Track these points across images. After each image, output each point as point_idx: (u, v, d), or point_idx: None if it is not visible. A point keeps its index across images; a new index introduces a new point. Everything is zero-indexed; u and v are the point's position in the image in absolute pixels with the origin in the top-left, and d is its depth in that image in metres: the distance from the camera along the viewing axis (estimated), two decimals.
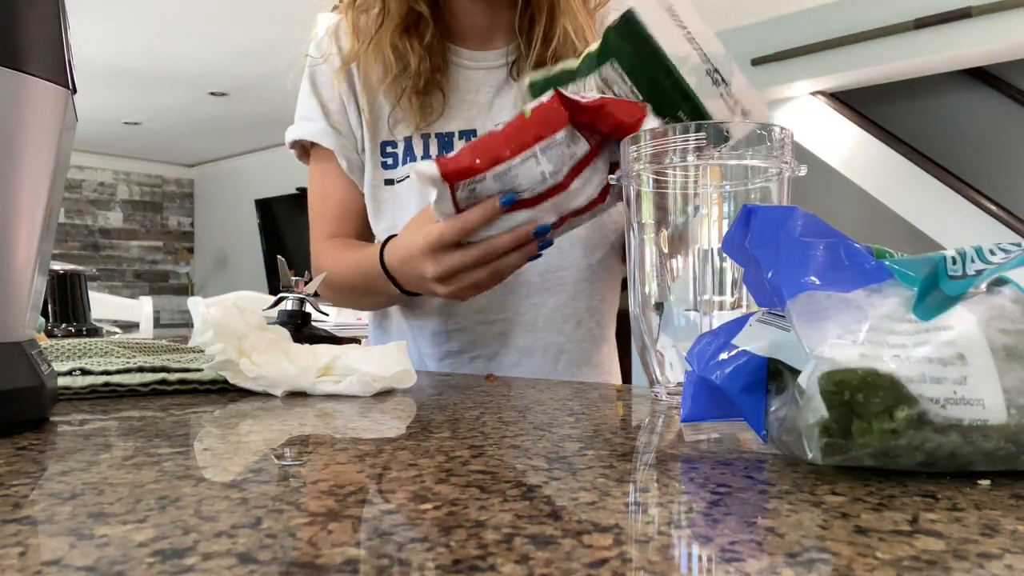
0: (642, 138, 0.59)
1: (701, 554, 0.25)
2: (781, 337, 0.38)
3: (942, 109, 4.96)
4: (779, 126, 0.58)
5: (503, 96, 0.98)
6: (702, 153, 0.57)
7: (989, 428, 0.32)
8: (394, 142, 0.98)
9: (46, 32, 0.46)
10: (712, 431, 0.46)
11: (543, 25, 0.92)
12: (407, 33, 0.93)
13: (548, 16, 0.92)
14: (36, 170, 0.47)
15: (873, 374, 0.32)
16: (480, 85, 0.98)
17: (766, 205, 0.42)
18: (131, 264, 7.86)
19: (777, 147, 0.58)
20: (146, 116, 6.26)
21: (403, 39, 0.93)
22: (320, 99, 1.01)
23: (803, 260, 0.37)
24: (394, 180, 0.98)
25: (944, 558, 0.24)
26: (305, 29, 1.11)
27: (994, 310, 0.34)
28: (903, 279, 0.36)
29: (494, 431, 0.46)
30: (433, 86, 0.95)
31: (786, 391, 0.37)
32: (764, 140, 0.57)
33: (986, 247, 0.37)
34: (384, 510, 0.29)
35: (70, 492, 0.32)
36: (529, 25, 0.94)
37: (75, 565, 0.24)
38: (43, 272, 0.50)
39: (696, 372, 0.42)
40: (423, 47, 0.93)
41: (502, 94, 0.98)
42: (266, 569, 0.23)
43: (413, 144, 0.97)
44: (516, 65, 0.97)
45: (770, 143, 0.58)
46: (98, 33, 4.44)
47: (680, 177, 0.60)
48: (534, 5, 0.93)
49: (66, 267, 1.51)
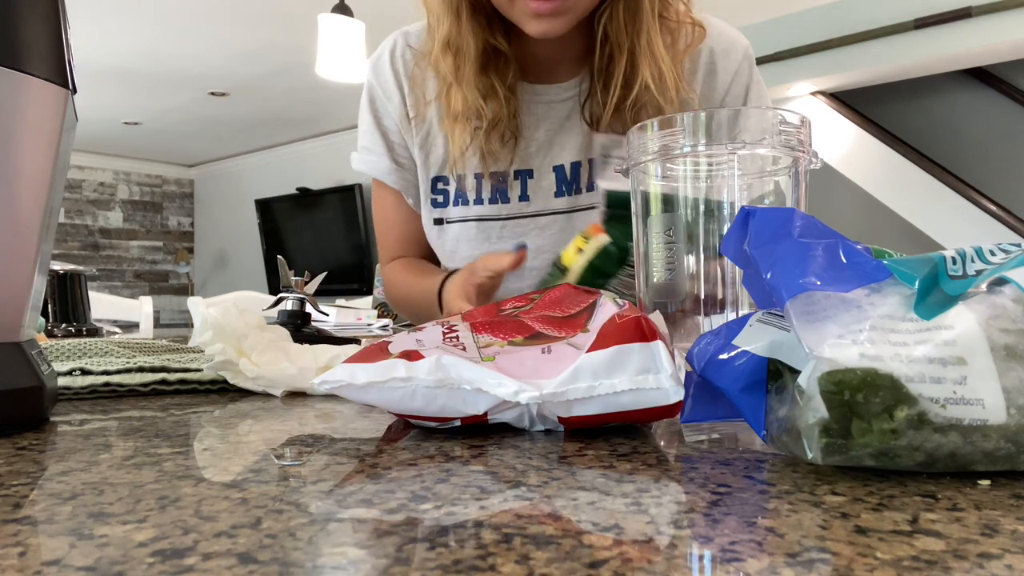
0: (650, 129, 0.58)
1: (701, 554, 0.25)
2: (781, 337, 0.38)
3: (942, 109, 4.96)
4: (798, 114, 0.55)
5: (565, 133, 0.93)
6: (711, 145, 0.56)
7: (989, 428, 0.32)
8: (446, 178, 0.96)
9: (46, 32, 0.46)
10: (712, 431, 0.46)
11: (623, 68, 0.84)
12: (485, 71, 0.86)
13: (629, 59, 0.83)
14: (36, 170, 0.47)
15: (873, 374, 0.32)
16: (540, 120, 0.93)
17: (764, 207, 0.42)
18: (131, 264, 7.86)
19: (793, 136, 0.55)
20: (146, 116, 6.26)
21: (483, 78, 0.86)
22: (382, 130, 0.99)
23: (801, 260, 0.37)
24: (443, 220, 0.97)
25: (944, 558, 0.24)
26: (305, 29, 1.11)
27: (995, 309, 0.34)
28: (903, 279, 0.36)
29: (494, 431, 0.46)
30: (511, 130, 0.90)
31: (786, 391, 0.37)
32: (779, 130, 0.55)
33: (986, 247, 0.37)
34: (384, 510, 0.29)
35: (70, 492, 0.32)
36: (607, 63, 0.86)
37: (75, 565, 0.24)
38: (43, 272, 0.50)
39: (696, 372, 0.42)
40: (506, 88, 0.87)
41: (564, 130, 0.93)
42: (266, 569, 0.23)
43: (465, 183, 0.94)
44: (588, 106, 0.90)
45: (786, 132, 0.55)
46: (98, 33, 4.44)
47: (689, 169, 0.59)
48: (613, 42, 0.84)
49: (66, 267, 1.51)
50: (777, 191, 0.59)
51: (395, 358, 0.45)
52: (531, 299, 0.56)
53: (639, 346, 0.43)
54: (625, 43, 0.83)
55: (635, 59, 0.83)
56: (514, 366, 0.45)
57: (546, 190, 0.94)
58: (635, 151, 0.59)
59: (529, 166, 0.94)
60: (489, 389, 0.43)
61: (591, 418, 0.44)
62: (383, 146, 0.99)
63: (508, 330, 0.50)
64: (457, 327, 0.52)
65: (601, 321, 0.47)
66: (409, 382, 0.44)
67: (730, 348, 0.40)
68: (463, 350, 0.47)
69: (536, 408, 0.44)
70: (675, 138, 0.57)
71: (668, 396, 0.42)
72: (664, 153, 0.57)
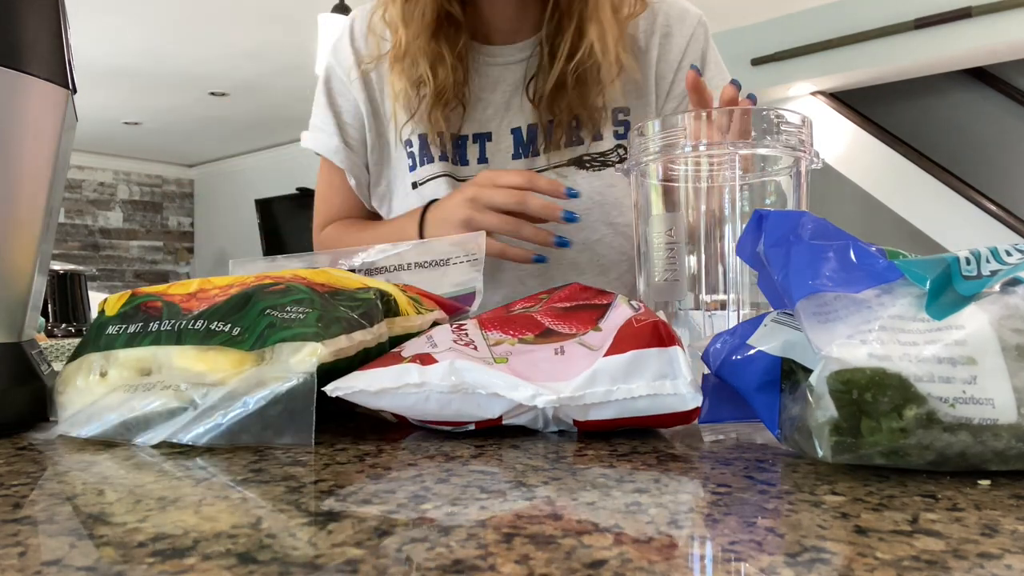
0: (650, 129, 0.58)
1: (701, 554, 0.25)
2: (794, 337, 0.38)
3: (942, 109, 4.96)
4: (799, 113, 0.55)
5: (521, 96, 0.94)
6: (713, 144, 0.55)
7: (1000, 428, 0.32)
8: (409, 141, 0.97)
9: (46, 32, 0.46)
10: (718, 431, 0.46)
11: (570, 36, 0.86)
12: (436, 37, 0.88)
13: (577, 27, 0.86)
14: (36, 170, 0.47)
15: (881, 373, 0.32)
16: (497, 83, 0.95)
17: (777, 210, 0.42)
18: (131, 264, 7.86)
19: (794, 136, 0.54)
20: (146, 116, 6.26)
21: (433, 43, 0.88)
22: (335, 109, 1.00)
23: (812, 261, 0.37)
24: (416, 183, 0.97)
25: (944, 558, 0.24)
26: (305, 29, 1.11)
27: (1007, 309, 0.34)
28: (914, 279, 0.36)
29: (494, 430, 0.46)
30: (457, 97, 0.92)
31: (799, 390, 0.37)
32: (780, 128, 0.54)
33: (1002, 247, 0.37)
34: (384, 510, 0.29)
35: (70, 492, 0.32)
36: (556, 31, 0.88)
37: (75, 565, 0.24)
38: (43, 272, 0.50)
39: (712, 371, 0.42)
40: (454, 56, 0.89)
41: (520, 93, 0.94)
42: (266, 569, 0.23)
43: (429, 144, 0.95)
44: (534, 82, 0.92)
45: (787, 132, 0.54)
46: (98, 33, 4.44)
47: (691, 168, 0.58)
48: (563, 8, 0.87)
49: (66, 267, 1.51)
50: (778, 191, 0.59)
51: (408, 362, 0.45)
52: (539, 299, 0.56)
53: (657, 351, 0.43)
54: (576, 10, 0.86)
55: (583, 26, 0.86)
56: (528, 368, 0.45)
57: (504, 153, 0.95)
58: (636, 151, 0.59)
59: (487, 129, 0.95)
60: (505, 393, 0.43)
61: (607, 422, 0.44)
62: (334, 125, 1.00)
63: (518, 327, 0.50)
64: (466, 325, 0.52)
65: (616, 322, 0.47)
66: (423, 387, 0.44)
67: (745, 348, 0.40)
68: (474, 349, 0.47)
69: (552, 411, 0.44)
70: (676, 138, 0.56)
71: (686, 402, 0.42)
72: (665, 153, 0.57)
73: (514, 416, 0.44)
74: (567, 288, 0.57)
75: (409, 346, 0.49)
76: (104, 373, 0.47)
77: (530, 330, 0.50)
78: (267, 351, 0.44)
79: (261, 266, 0.78)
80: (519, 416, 0.44)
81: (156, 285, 0.54)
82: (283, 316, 0.46)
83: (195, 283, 0.52)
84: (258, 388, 0.42)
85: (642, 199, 0.61)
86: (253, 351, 0.45)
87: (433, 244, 0.77)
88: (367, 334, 0.49)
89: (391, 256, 0.77)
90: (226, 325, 0.47)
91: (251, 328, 0.46)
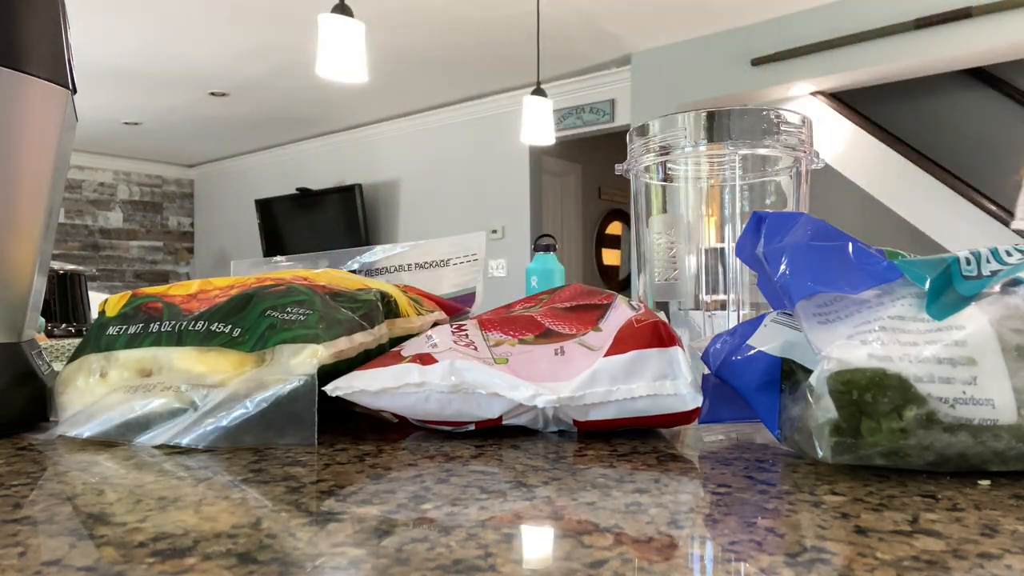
0: (650, 128, 0.58)
1: (701, 554, 0.25)
2: (794, 337, 0.38)
3: (942, 109, 4.96)
4: (798, 113, 0.55)
5: None
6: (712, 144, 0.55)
7: (1000, 428, 0.32)
8: None
9: (46, 32, 0.46)
10: (718, 431, 0.46)
11: None
12: None
13: None
14: (36, 170, 0.47)
15: (881, 374, 0.32)
16: None
17: (776, 211, 0.42)
18: (131, 264, 7.86)
19: (794, 136, 0.54)
20: (146, 116, 6.26)
21: None
22: None
23: (812, 262, 0.37)
24: None
25: (944, 558, 0.24)
26: (305, 29, 1.11)
27: (1008, 310, 0.34)
28: (914, 279, 0.36)
29: (495, 430, 0.46)
30: None
31: (799, 390, 0.37)
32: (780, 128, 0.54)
33: (1002, 248, 0.37)
34: (384, 510, 0.29)
35: (70, 492, 0.32)
36: None
37: (75, 565, 0.24)
38: (43, 272, 0.50)
39: (712, 372, 0.42)
40: None
41: None
42: (266, 569, 0.23)
43: None
44: None
45: (787, 132, 0.54)
46: (98, 33, 4.44)
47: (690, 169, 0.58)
48: None
49: (66, 267, 1.51)
50: (778, 191, 0.59)
51: (408, 362, 0.45)
52: (540, 299, 0.56)
53: (657, 351, 0.43)
54: None
55: None
56: (528, 368, 0.45)
57: None
58: (636, 151, 0.59)
59: None
60: (505, 393, 0.43)
61: (607, 422, 0.44)
62: None
63: (518, 328, 0.50)
64: (466, 326, 0.52)
65: (616, 323, 0.47)
66: (423, 387, 0.44)
67: (745, 348, 0.40)
68: (474, 349, 0.47)
69: (552, 411, 0.44)
70: (676, 138, 0.57)
71: (686, 403, 0.42)
72: (665, 153, 0.57)
73: (514, 416, 0.44)
74: (567, 288, 0.57)
75: (409, 346, 0.49)
76: (104, 374, 0.47)
77: (530, 330, 0.50)
78: (267, 352, 0.44)
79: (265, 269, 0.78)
80: (519, 416, 0.44)
81: (157, 286, 0.54)
82: (284, 317, 0.46)
83: (196, 284, 0.52)
84: (259, 390, 0.42)
85: (642, 199, 0.61)
86: (254, 352, 0.45)
87: (433, 244, 0.77)
88: (368, 335, 0.49)
89: (391, 256, 0.77)
90: (227, 326, 0.47)
91: (252, 329, 0.46)
